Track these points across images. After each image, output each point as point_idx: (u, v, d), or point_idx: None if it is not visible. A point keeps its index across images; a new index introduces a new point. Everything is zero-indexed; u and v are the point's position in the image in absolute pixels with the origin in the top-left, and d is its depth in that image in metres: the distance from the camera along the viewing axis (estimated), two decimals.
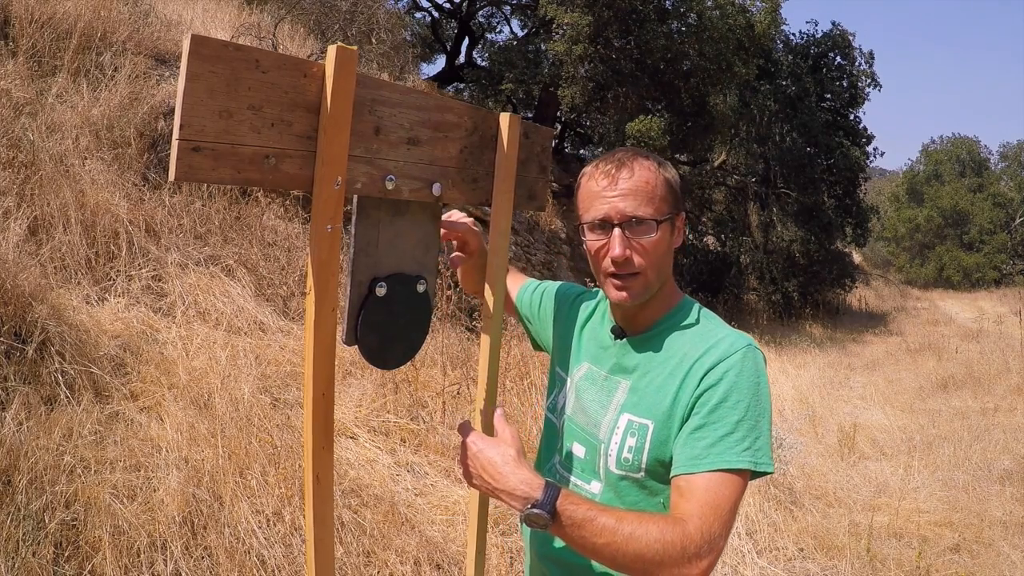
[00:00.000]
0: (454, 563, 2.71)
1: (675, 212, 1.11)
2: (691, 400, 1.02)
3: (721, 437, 0.98)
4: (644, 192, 1.06)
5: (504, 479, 0.96)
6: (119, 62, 5.00)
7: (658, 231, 1.07)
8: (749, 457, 0.98)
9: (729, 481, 0.96)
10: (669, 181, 1.10)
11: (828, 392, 7.25)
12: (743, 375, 1.02)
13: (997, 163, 31.49)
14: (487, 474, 0.98)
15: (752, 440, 0.98)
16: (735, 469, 0.97)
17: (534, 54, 11.57)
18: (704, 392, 1.02)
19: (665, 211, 1.08)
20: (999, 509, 3.95)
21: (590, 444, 1.14)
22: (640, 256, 1.07)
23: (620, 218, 1.06)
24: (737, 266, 13.83)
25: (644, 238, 1.06)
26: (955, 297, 21.37)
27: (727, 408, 1.00)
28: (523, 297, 1.45)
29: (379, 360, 1.11)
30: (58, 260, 3.57)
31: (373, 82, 1.00)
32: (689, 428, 1.01)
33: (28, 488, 2.18)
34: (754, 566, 3.30)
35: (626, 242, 1.06)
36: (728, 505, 0.95)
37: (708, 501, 0.95)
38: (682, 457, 1.00)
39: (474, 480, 1.02)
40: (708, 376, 1.02)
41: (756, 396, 1.01)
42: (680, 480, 0.99)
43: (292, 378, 3.59)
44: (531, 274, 8.89)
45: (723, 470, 0.96)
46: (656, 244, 1.07)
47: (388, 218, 1.08)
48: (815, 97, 14.12)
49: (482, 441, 1.01)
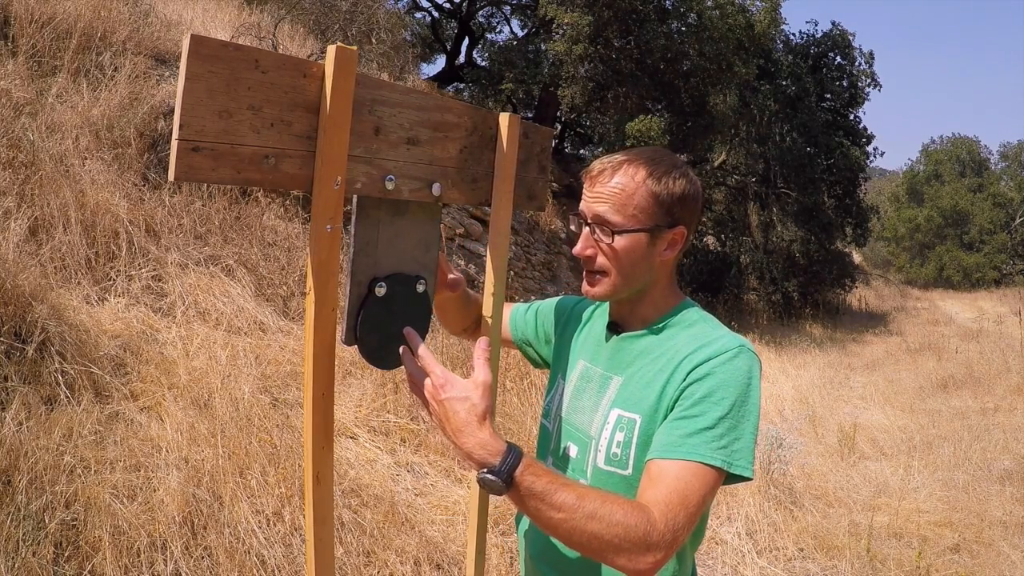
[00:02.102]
0: (454, 563, 2.71)
1: (660, 225, 1.08)
2: (676, 393, 1.02)
3: (700, 430, 0.97)
4: (617, 199, 1.07)
5: (463, 437, 0.91)
6: (119, 62, 5.00)
7: (619, 238, 1.07)
8: (724, 456, 0.96)
9: (701, 474, 0.94)
10: (655, 194, 1.07)
11: (828, 392, 7.25)
12: (731, 374, 1.01)
13: (997, 163, 31.50)
14: (448, 424, 0.93)
15: (731, 440, 0.97)
16: (708, 464, 0.95)
17: (534, 54, 11.57)
18: (690, 385, 1.01)
19: (640, 221, 1.07)
20: (999, 509, 3.95)
21: (583, 443, 1.14)
22: (605, 258, 1.09)
23: (591, 217, 1.10)
24: (737, 266, 13.82)
25: (608, 242, 1.08)
26: (955, 297, 21.37)
27: (710, 403, 0.99)
28: (516, 321, 1.42)
29: (378, 360, 1.11)
30: (58, 260, 3.57)
31: (373, 82, 1.00)
32: (671, 418, 1.01)
33: (28, 488, 2.18)
34: (754, 566, 3.30)
35: (590, 240, 1.10)
36: (696, 499, 0.93)
37: (677, 490, 0.93)
38: (657, 443, 0.99)
39: (432, 418, 0.97)
40: (696, 371, 1.01)
41: (743, 397, 1.00)
42: (651, 465, 0.97)
43: (292, 378, 3.59)
44: (531, 274, 8.90)
45: (696, 462, 0.95)
46: (619, 251, 1.07)
47: (388, 218, 1.08)
48: (815, 97, 14.11)
49: (451, 387, 0.94)
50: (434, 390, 0.95)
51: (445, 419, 0.93)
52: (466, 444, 0.91)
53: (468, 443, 0.91)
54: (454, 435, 0.92)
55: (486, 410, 0.93)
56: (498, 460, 0.89)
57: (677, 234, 1.10)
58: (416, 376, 0.99)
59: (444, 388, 0.94)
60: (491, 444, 0.90)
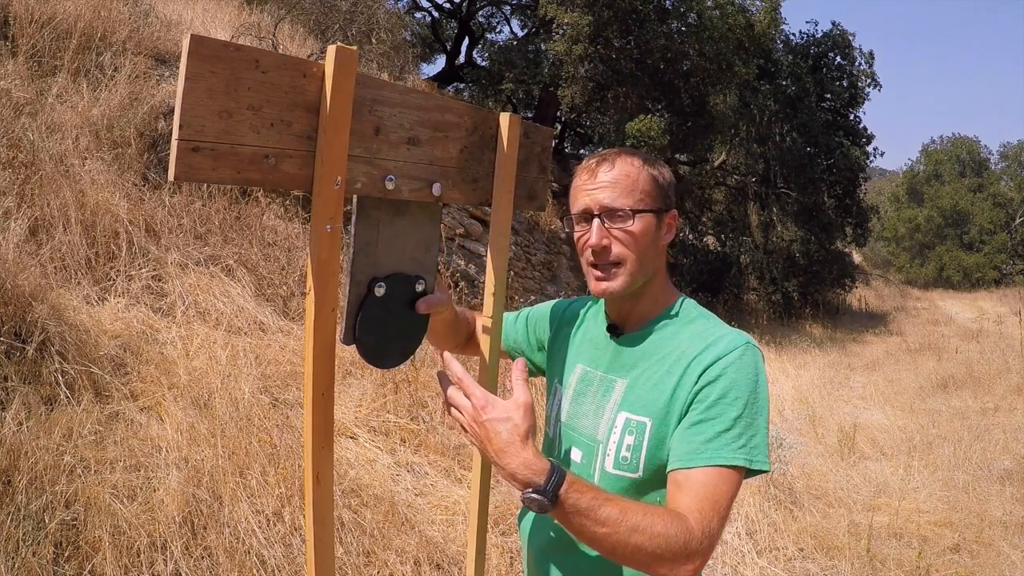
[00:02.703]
0: (454, 563, 2.71)
1: (661, 207, 1.12)
2: (689, 396, 1.02)
3: (719, 433, 0.98)
4: (623, 184, 1.09)
5: (507, 457, 0.91)
6: (119, 62, 5.00)
7: (636, 220, 1.08)
8: (745, 455, 0.98)
9: (726, 477, 0.96)
10: (654, 177, 1.11)
11: (828, 392, 7.25)
12: (742, 372, 1.02)
13: (997, 163, 31.50)
14: (491, 445, 0.93)
15: (748, 437, 0.99)
16: (731, 466, 0.97)
17: (534, 54, 11.57)
18: (703, 388, 1.02)
19: (648, 203, 1.10)
20: (999, 509, 3.95)
21: (588, 447, 1.13)
22: (620, 245, 1.09)
23: (599, 208, 1.09)
24: (737, 266, 13.83)
25: (623, 226, 1.08)
26: (955, 297, 21.37)
27: (725, 404, 1.00)
28: (506, 330, 1.41)
29: (376, 359, 1.11)
30: (58, 260, 3.57)
31: (373, 82, 1.00)
32: (687, 423, 1.01)
33: (28, 488, 2.18)
34: (754, 566, 3.30)
35: (604, 231, 1.09)
36: (726, 502, 0.96)
37: (707, 496, 0.95)
38: (679, 452, 1.00)
39: (473, 442, 0.97)
40: (707, 372, 1.02)
41: (754, 394, 1.01)
42: (678, 474, 0.99)
43: (292, 378, 3.59)
44: (531, 274, 8.90)
45: (720, 466, 0.97)
46: (637, 234, 1.09)
47: (388, 218, 1.08)
48: (815, 97, 14.11)
49: (493, 408, 0.94)
50: (475, 412, 0.95)
51: (487, 440, 0.93)
52: (510, 464, 0.91)
53: (512, 463, 0.91)
54: (497, 456, 0.92)
55: (528, 430, 0.93)
56: (543, 479, 0.89)
57: (672, 217, 1.15)
58: (455, 399, 0.98)
59: (485, 410, 0.94)
60: (535, 464, 0.90)
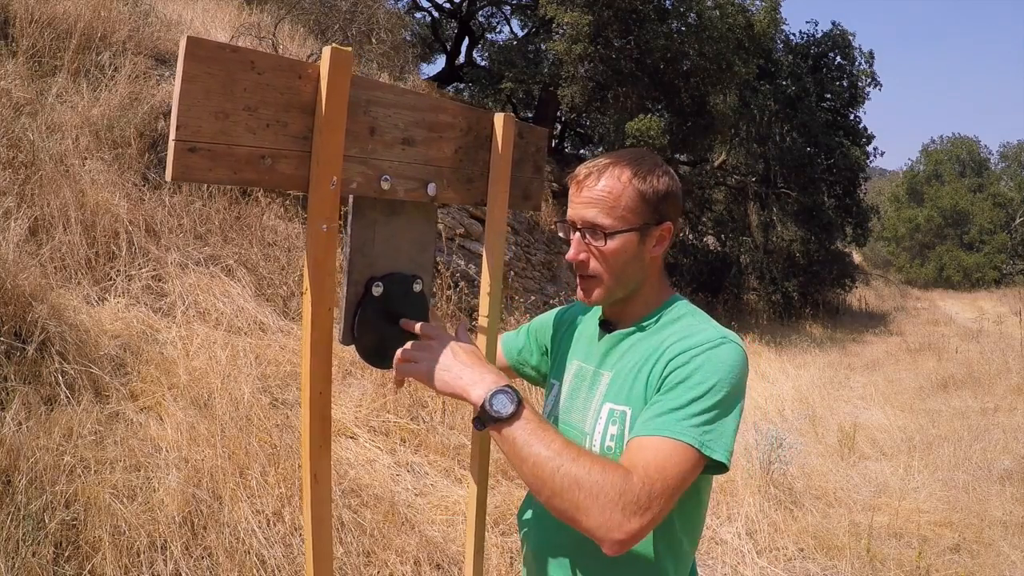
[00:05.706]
0: (454, 563, 2.71)
1: (647, 222, 1.10)
2: (658, 381, 1.03)
3: (672, 409, 0.98)
4: (605, 202, 1.09)
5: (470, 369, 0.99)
6: (119, 62, 5.01)
7: (611, 241, 1.09)
8: (696, 435, 0.95)
9: (679, 451, 0.95)
10: (641, 192, 1.09)
11: (828, 392, 7.25)
12: (711, 362, 1.01)
13: (997, 163, 31.52)
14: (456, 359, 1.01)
15: (704, 421, 0.97)
16: (683, 441, 0.95)
17: (534, 54, 11.59)
18: (671, 373, 1.02)
19: (630, 221, 1.09)
20: (999, 509, 3.95)
21: (578, 440, 1.14)
22: (597, 262, 1.11)
23: (581, 223, 1.11)
24: (737, 266, 13.83)
25: (598, 245, 1.10)
26: (955, 297, 21.37)
27: (687, 387, 1.00)
28: (507, 345, 1.42)
29: (375, 359, 1.12)
30: (58, 260, 3.57)
31: (368, 83, 1.01)
32: (650, 402, 1.03)
33: (28, 488, 2.18)
34: (754, 566, 3.30)
35: (582, 246, 1.12)
36: (675, 472, 0.93)
37: (654, 461, 0.93)
38: (637, 424, 1.01)
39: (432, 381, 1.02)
40: (676, 359, 1.03)
41: (722, 384, 1.00)
42: (631, 443, 0.99)
43: (292, 378, 3.59)
44: (531, 274, 8.91)
45: (670, 438, 0.95)
46: (613, 252, 1.09)
47: (384, 218, 1.09)
48: (815, 97, 14.11)
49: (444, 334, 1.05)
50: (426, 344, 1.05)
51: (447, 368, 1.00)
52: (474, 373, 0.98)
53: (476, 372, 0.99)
54: (461, 371, 0.99)
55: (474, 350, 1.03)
56: (505, 383, 0.97)
57: (664, 230, 1.13)
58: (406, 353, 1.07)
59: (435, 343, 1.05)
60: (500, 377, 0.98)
